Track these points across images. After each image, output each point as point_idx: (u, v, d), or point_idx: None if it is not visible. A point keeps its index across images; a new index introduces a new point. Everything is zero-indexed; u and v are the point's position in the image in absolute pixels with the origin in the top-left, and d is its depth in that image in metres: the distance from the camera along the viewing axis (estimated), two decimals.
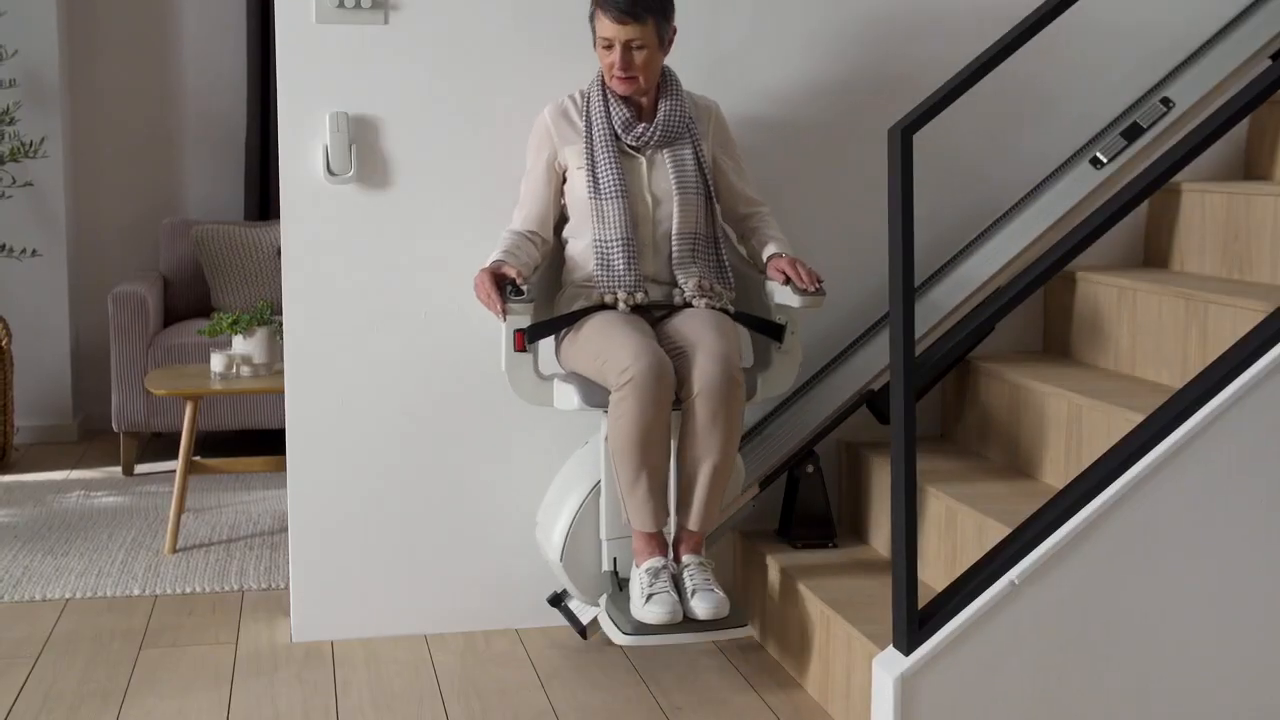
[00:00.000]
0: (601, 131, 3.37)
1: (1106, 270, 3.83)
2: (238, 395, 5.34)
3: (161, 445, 6.00)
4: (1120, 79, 3.87)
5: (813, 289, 3.29)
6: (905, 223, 2.67)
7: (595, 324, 3.31)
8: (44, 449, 5.96)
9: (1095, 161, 3.75)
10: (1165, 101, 3.77)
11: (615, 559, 3.36)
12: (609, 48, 3.32)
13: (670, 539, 3.30)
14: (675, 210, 3.37)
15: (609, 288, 3.35)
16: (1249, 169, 4.02)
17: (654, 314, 3.42)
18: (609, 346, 3.22)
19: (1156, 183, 2.75)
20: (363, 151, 3.58)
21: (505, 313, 3.26)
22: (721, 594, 3.23)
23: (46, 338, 6.05)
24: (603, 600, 3.35)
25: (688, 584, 3.27)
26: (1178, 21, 3.88)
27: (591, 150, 3.37)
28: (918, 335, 3.68)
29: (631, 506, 3.24)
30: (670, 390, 3.18)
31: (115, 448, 5.85)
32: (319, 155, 3.55)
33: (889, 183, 2.69)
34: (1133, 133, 3.75)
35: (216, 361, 4.61)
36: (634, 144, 3.39)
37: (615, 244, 3.35)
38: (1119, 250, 3.98)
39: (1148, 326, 3.54)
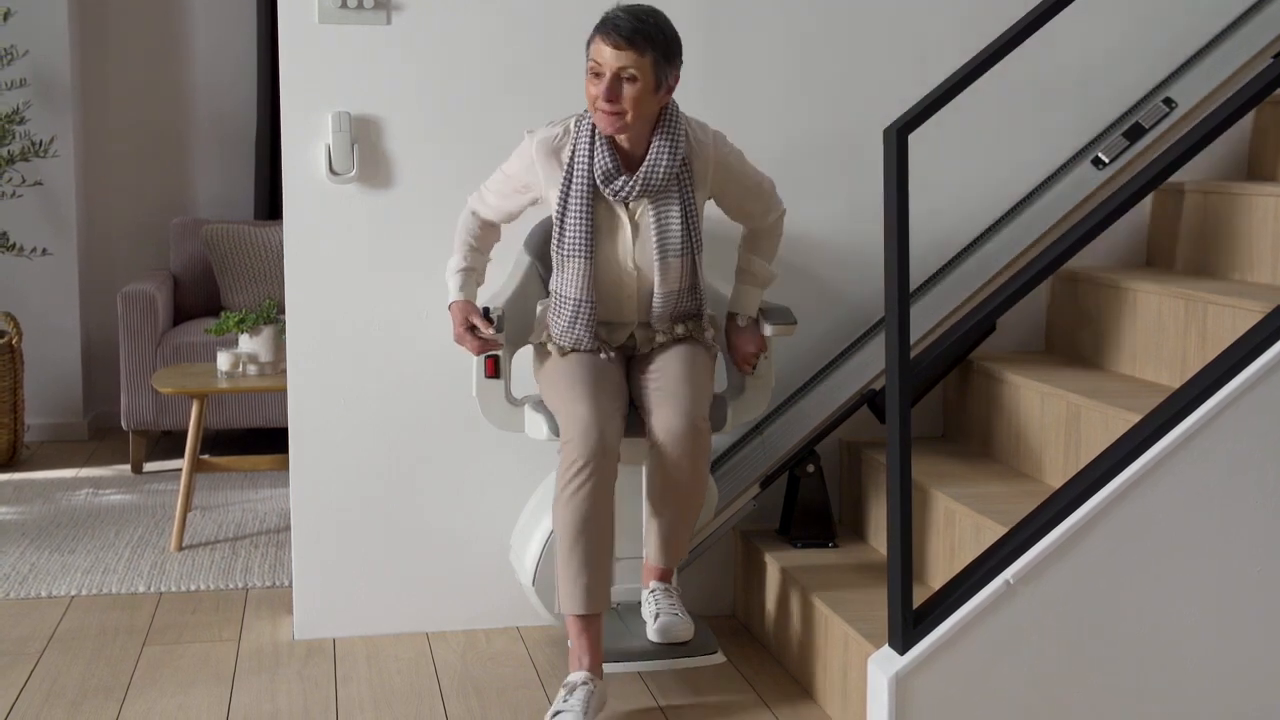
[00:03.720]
0: (581, 179, 3.14)
1: (1108, 270, 3.83)
2: (244, 394, 5.36)
3: (171, 443, 6.02)
4: (1122, 79, 3.87)
5: (748, 369, 3.37)
6: (900, 223, 2.67)
7: (557, 361, 3.24)
8: (54, 447, 5.99)
9: (1097, 162, 3.75)
10: (1167, 102, 3.76)
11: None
12: (598, 75, 3.06)
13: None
14: (656, 276, 3.18)
15: (558, 338, 3.24)
16: (1251, 169, 4.01)
17: (633, 350, 3.33)
18: (563, 404, 3.12)
19: (1157, 179, 2.75)
20: (365, 151, 3.59)
21: (486, 353, 3.31)
22: (685, 618, 3.24)
23: (57, 336, 6.08)
24: None
25: (652, 608, 3.28)
26: (1180, 21, 3.88)
27: (565, 199, 3.15)
28: (918, 336, 3.68)
29: (563, 587, 3.10)
30: (615, 466, 3.08)
31: (125, 446, 5.88)
32: (321, 155, 3.57)
33: (885, 183, 2.69)
34: (1135, 133, 3.75)
35: (223, 360, 4.63)
36: (612, 199, 3.16)
37: (568, 303, 3.18)
38: (1121, 251, 3.98)
39: (1148, 327, 3.54)
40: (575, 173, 3.14)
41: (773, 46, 3.74)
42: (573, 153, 3.15)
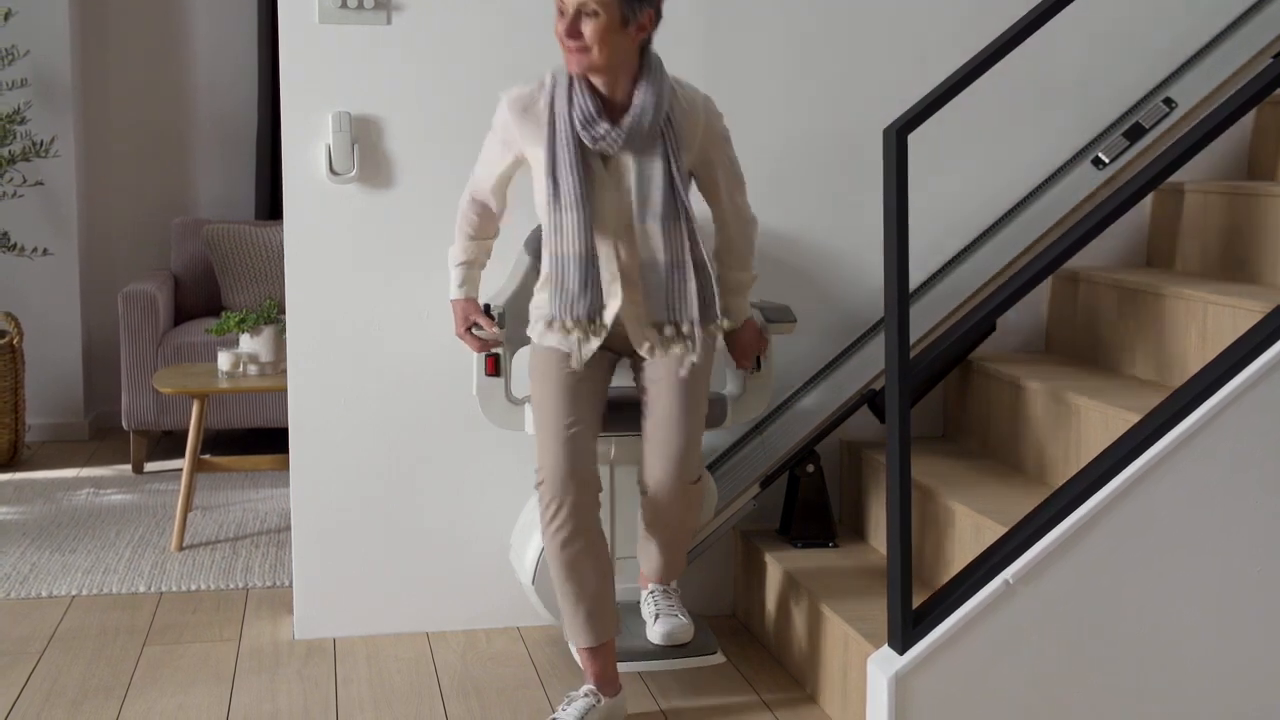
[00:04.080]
0: (564, 128, 2.97)
1: (1108, 270, 3.83)
2: (244, 394, 5.37)
3: (172, 443, 6.02)
4: (1122, 79, 3.87)
5: (747, 365, 3.34)
6: (900, 223, 2.67)
7: (540, 380, 3.10)
8: (55, 447, 5.99)
9: (1097, 162, 3.75)
10: (1168, 102, 3.76)
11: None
12: (562, 13, 2.92)
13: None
14: (638, 242, 3.02)
15: (561, 317, 3.04)
16: (1252, 169, 4.01)
17: (631, 358, 3.21)
18: (541, 426, 3.06)
19: (1157, 179, 2.75)
20: (365, 151, 3.59)
21: (488, 351, 3.31)
22: (685, 620, 3.25)
23: (58, 336, 6.08)
24: None
25: (652, 609, 3.28)
26: (1180, 21, 3.88)
27: (553, 150, 2.98)
28: (918, 336, 3.68)
29: (567, 621, 3.10)
30: (595, 491, 3.05)
31: (126, 446, 5.88)
32: (321, 155, 3.57)
33: (884, 183, 2.69)
34: (1135, 133, 3.75)
35: (223, 360, 4.63)
36: (593, 146, 2.98)
37: (571, 261, 3.00)
38: (1122, 251, 3.98)
39: (1148, 327, 3.54)
40: (558, 123, 2.99)
41: (773, 46, 3.74)
42: (552, 102, 3.00)
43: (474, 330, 3.27)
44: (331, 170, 3.58)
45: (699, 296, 3.06)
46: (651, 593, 3.31)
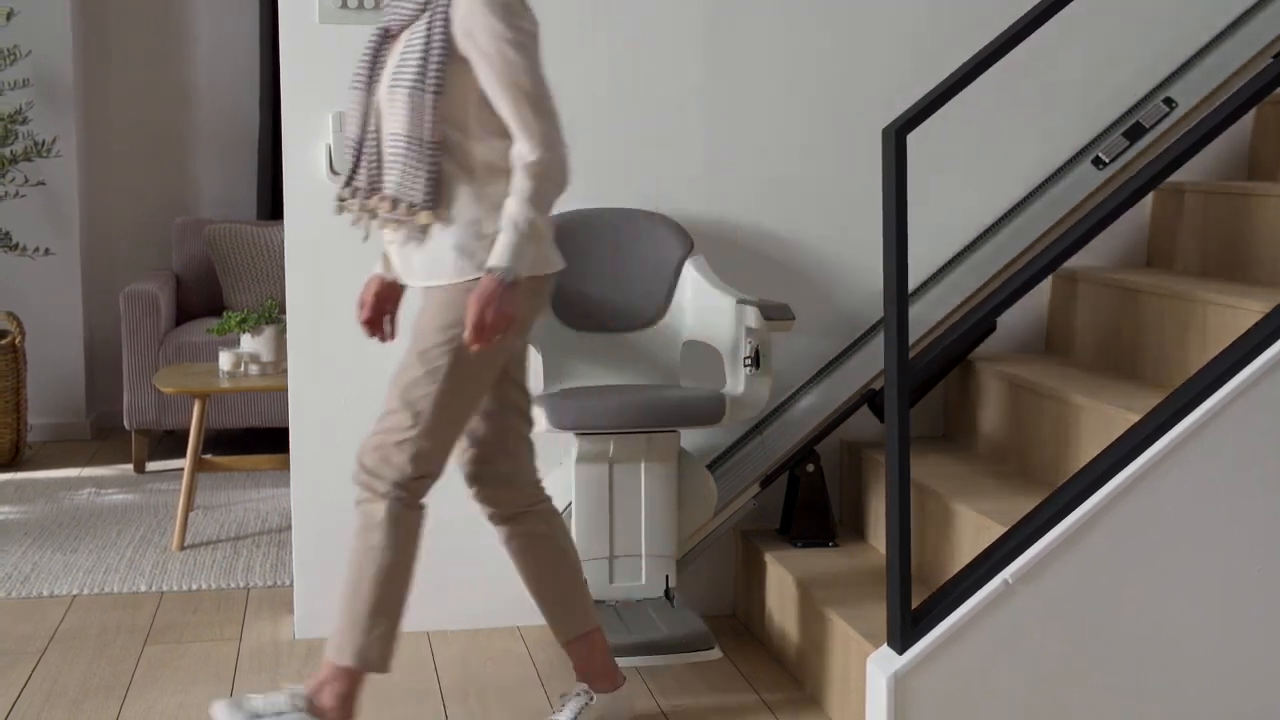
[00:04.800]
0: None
1: (1109, 270, 3.83)
2: (245, 393, 5.37)
3: (174, 443, 6.03)
4: (1122, 79, 3.87)
5: (471, 343, 2.72)
6: (899, 222, 2.67)
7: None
8: (56, 446, 6.00)
9: (1097, 162, 3.76)
10: (1168, 102, 3.77)
11: (586, 581, 3.37)
12: None
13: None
14: (384, 110, 2.77)
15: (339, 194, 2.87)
16: (1252, 169, 4.01)
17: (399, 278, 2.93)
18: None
19: (1157, 179, 2.75)
20: None
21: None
22: None
23: (59, 336, 6.09)
24: None
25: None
26: (1181, 21, 3.88)
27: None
28: (918, 336, 3.69)
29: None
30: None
31: (127, 445, 5.89)
32: (322, 154, 3.58)
33: (884, 182, 2.70)
34: (1135, 133, 3.75)
35: (224, 360, 4.64)
36: (387, 21, 2.81)
37: (349, 147, 2.83)
38: (1122, 251, 3.98)
39: (1148, 327, 3.54)
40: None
41: (773, 47, 3.74)
42: None
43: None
44: (332, 170, 3.58)
45: (429, 179, 2.73)
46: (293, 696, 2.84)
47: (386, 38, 2.82)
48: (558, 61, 3.64)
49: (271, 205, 6.32)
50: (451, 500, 3.73)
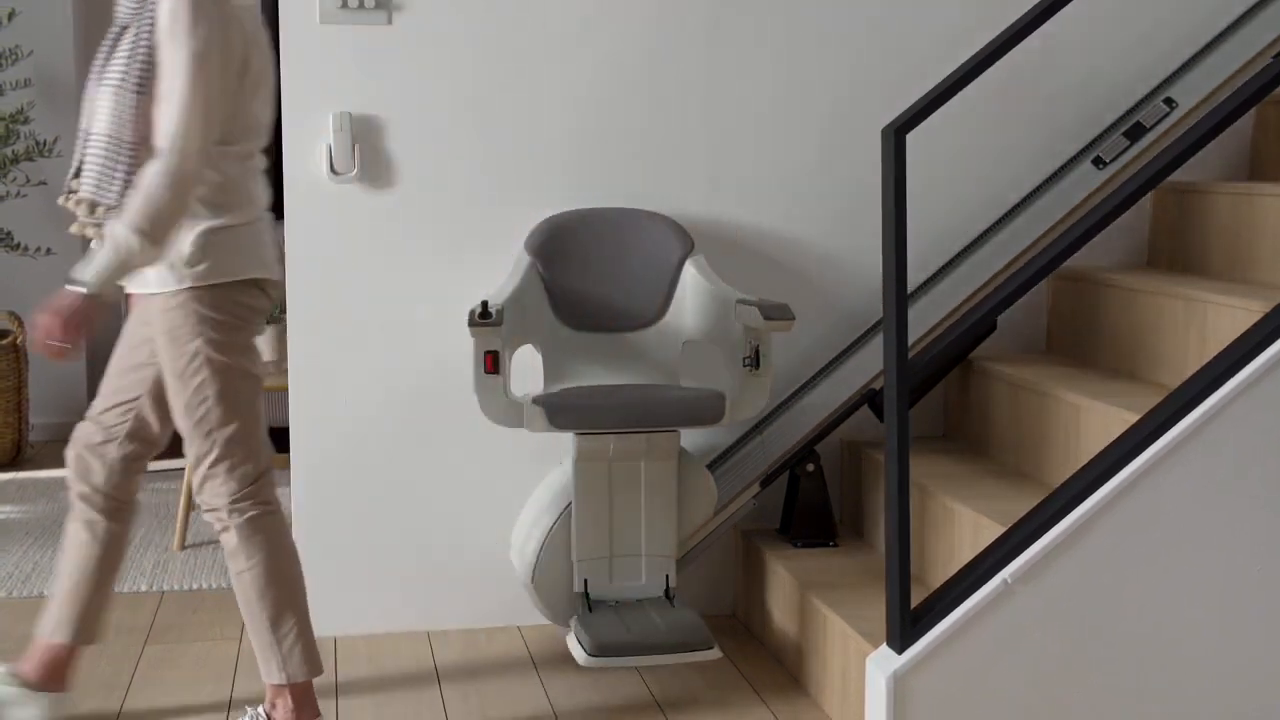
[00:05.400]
0: None
1: (1108, 270, 3.83)
2: None
3: (174, 442, 6.03)
4: (1123, 79, 3.87)
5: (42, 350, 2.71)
6: (899, 222, 2.67)
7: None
8: (58, 446, 6.00)
9: (1098, 162, 3.75)
10: (1168, 102, 3.77)
11: (586, 580, 3.38)
12: None
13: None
14: (94, 108, 2.68)
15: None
16: (1252, 169, 4.01)
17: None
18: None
19: (1157, 179, 2.75)
20: (365, 151, 3.60)
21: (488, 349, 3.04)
22: None
23: None
24: (572, 621, 3.35)
25: None
26: (1181, 21, 3.88)
27: None
28: (918, 336, 3.69)
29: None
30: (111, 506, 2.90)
31: None
32: (322, 155, 3.58)
33: (883, 182, 2.70)
34: (1135, 133, 3.75)
35: None
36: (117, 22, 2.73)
37: (77, 146, 2.73)
38: (1121, 251, 3.98)
39: (1148, 327, 3.54)
40: None
41: (773, 46, 3.74)
42: None
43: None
44: (332, 170, 3.59)
45: (125, 182, 2.67)
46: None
47: (121, 35, 2.72)
48: (558, 61, 3.64)
49: (271, 205, 6.31)
50: (452, 500, 3.73)
